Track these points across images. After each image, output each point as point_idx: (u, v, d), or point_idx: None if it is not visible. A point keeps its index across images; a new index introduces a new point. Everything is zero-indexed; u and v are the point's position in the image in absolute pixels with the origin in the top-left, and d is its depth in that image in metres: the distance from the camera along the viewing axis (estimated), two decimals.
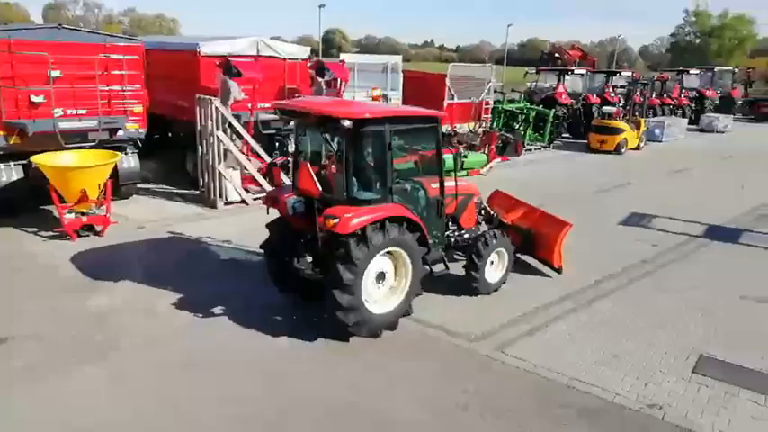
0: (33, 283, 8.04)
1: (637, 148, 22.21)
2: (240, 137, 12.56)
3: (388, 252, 6.66)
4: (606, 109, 22.75)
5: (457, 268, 7.97)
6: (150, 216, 11.33)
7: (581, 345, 6.72)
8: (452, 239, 8.02)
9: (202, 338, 6.62)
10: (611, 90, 25.84)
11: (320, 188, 6.50)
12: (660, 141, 24.58)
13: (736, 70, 40.94)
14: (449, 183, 7.56)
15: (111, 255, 9.24)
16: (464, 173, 16.07)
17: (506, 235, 8.28)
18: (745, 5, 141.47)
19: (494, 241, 7.98)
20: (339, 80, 14.97)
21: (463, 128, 19.38)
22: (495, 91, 22.37)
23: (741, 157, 21.49)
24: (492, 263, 8.05)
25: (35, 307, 7.25)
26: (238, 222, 11.20)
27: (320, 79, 13.97)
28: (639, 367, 6.25)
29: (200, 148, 12.31)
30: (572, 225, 8.71)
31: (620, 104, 23.72)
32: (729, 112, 33.15)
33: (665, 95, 29.68)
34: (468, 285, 7.95)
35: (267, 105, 13.71)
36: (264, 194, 8.55)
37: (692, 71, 35.22)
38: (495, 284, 8.11)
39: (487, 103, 19.91)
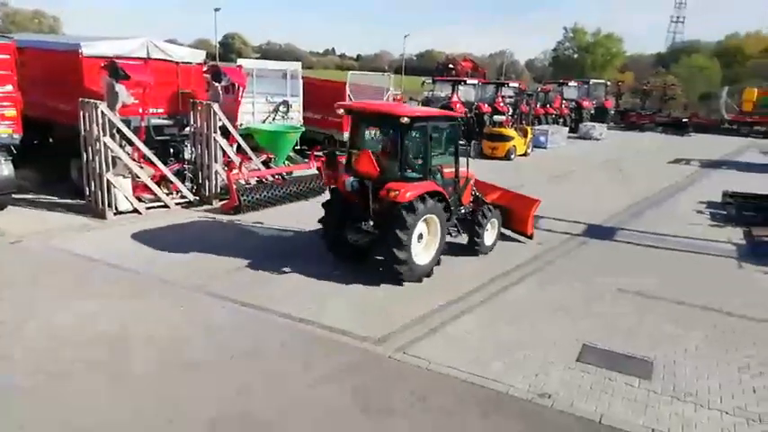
0: None
1: (525, 154, 23.58)
2: (130, 143, 11.79)
3: (425, 218, 8.61)
4: (497, 118, 24.02)
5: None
6: (29, 228, 10.30)
7: (477, 341, 6.95)
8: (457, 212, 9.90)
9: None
10: (500, 100, 27.28)
11: (378, 169, 8.49)
12: (545, 148, 26.26)
13: (608, 83, 44.87)
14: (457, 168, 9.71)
15: None
16: None
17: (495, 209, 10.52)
18: (615, 26, 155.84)
19: (489, 213, 10.30)
20: (237, 85, 14.51)
21: None
22: (393, 99, 22.75)
23: (616, 161, 23.50)
24: (487, 230, 10.29)
25: None
26: (131, 234, 10.48)
27: (216, 84, 13.46)
28: (531, 359, 6.58)
29: (84, 154, 11.39)
30: (540, 201, 11.20)
31: (509, 113, 25.07)
32: (604, 121, 36.22)
33: (548, 105, 31.85)
34: (371, 293, 8.16)
35: (160, 110, 13.04)
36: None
37: (570, 83, 38.14)
38: (490, 246, 10.43)
39: None
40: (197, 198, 12.78)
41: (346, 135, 18.74)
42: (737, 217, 13.90)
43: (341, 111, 9.60)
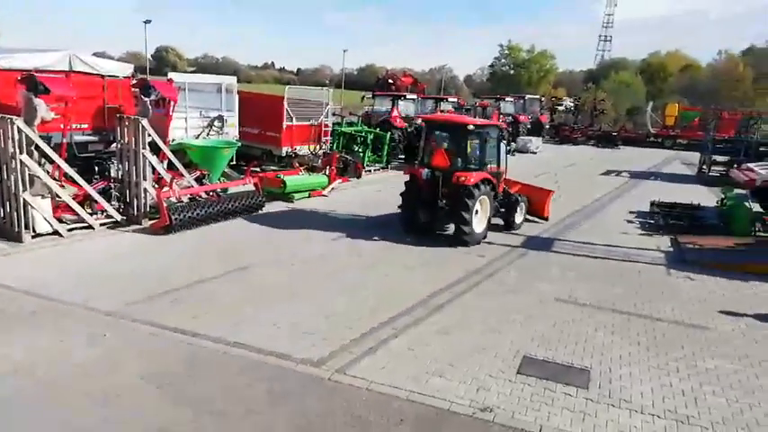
0: None
1: None
2: (50, 160, 11.14)
3: (480, 199, 12.04)
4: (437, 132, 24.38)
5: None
6: None
7: (420, 357, 6.91)
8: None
9: None
10: (440, 114, 27.74)
11: (448, 163, 12.08)
12: None
13: (543, 98, 46.76)
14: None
15: None
16: (306, 194, 16.07)
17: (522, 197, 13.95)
18: (547, 43, 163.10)
19: (520, 199, 13.77)
20: (168, 100, 14.05)
21: (304, 149, 19.35)
22: (333, 114, 22.74)
23: (552, 173, 24.34)
24: (518, 212, 13.72)
25: None
26: (50, 258, 9.84)
27: (145, 98, 12.98)
28: (472, 373, 6.60)
29: None
30: (554, 191, 15.12)
31: None
32: (539, 135, 37.60)
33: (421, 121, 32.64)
34: (312, 318, 7.93)
35: (84, 126, 12.43)
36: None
37: (507, 98, 39.50)
38: (519, 224, 13.78)
39: (327, 126, 20.14)
40: (124, 218, 12.19)
41: (285, 150, 18.75)
42: (665, 225, 14.66)
43: (419, 120, 13.64)
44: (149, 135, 12.23)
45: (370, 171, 21.28)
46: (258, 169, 17.64)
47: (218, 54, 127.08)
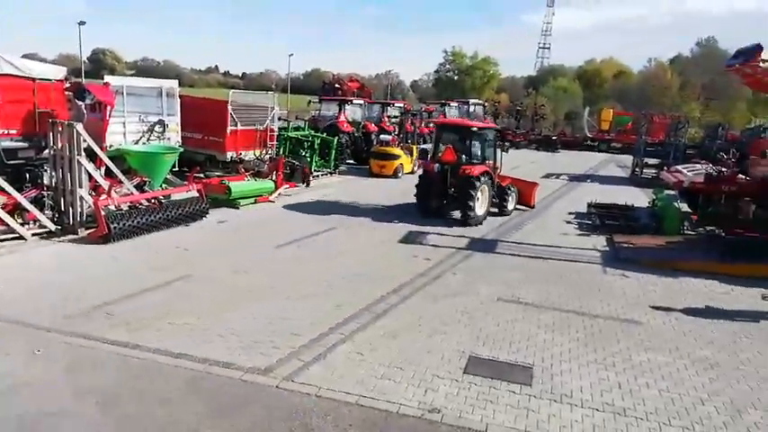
0: None
1: (412, 172, 24.20)
2: None
3: (482, 187, 14.74)
4: (384, 137, 24.60)
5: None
6: None
7: (369, 361, 6.93)
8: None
9: None
10: (387, 119, 27.99)
11: (456, 158, 14.86)
12: None
13: (486, 104, 47.85)
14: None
15: None
16: (252, 200, 15.83)
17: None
18: (489, 50, 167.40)
19: (511, 189, 16.57)
20: (104, 104, 13.52)
21: (249, 155, 19.05)
22: (279, 119, 22.52)
23: None
24: (510, 200, 16.45)
25: None
26: None
27: (80, 102, 12.45)
28: (420, 375, 6.67)
29: None
30: (539, 184, 18.40)
31: (396, 132, 25.80)
32: None
33: (432, 124, 33.21)
34: (255, 323, 7.80)
35: (13, 131, 11.81)
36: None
37: (452, 104, 40.14)
38: (511, 210, 16.48)
39: (273, 131, 19.91)
40: (59, 227, 11.63)
41: (230, 155, 18.38)
42: (601, 225, 15.31)
43: (431, 124, 17.02)
44: (85, 141, 11.73)
45: (317, 176, 21.18)
46: (202, 175, 17.24)
47: (158, 57, 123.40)
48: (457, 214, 15.13)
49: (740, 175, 13.66)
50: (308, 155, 21.17)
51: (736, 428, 5.96)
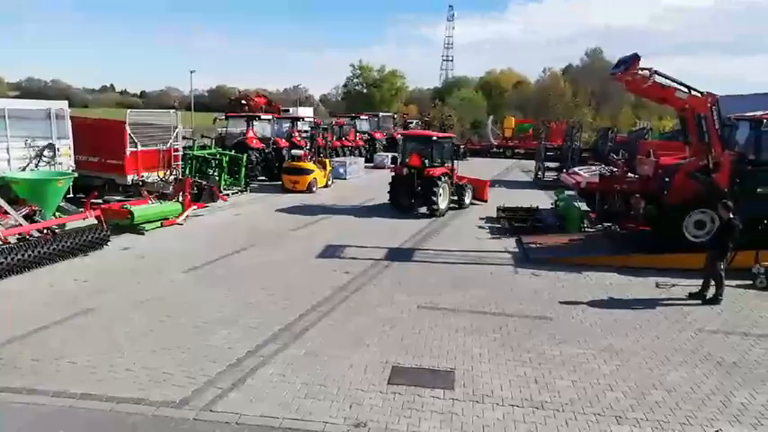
0: None
1: (326, 186, 24.25)
2: None
3: (443, 186, 18.06)
4: (295, 152, 24.32)
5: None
6: None
7: (291, 382, 6.77)
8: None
9: None
10: (297, 134, 27.76)
11: (420, 162, 18.17)
12: (345, 179, 27.35)
13: (396, 116, 48.81)
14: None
15: None
16: (159, 224, 15.06)
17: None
18: (396, 63, 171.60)
19: (467, 186, 19.93)
20: None
21: (152, 176, 18.15)
22: (184, 137, 21.69)
23: None
24: (467, 195, 19.81)
25: None
26: None
27: None
28: (344, 390, 6.61)
29: None
30: (489, 181, 22.53)
31: (307, 147, 25.61)
32: (395, 151, 39.06)
33: (343, 138, 33.32)
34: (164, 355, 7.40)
35: None
36: (392, 167, 21.49)
37: (362, 116, 40.58)
38: (468, 204, 19.76)
39: (177, 150, 19.13)
40: None
41: (131, 177, 17.43)
42: (510, 228, 16.03)
43: (399, 136, 21.44)
44: None
45: (228, 195, 20.57)
46: (100, 201, 16.20)
47: (46, 77, 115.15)
48: (424, 210, 18.22)
49: (630, 174, 14.79)
50: (216, 173, 20.53)
51: (642, 410, 6.41)
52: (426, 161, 18.35)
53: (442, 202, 18.21)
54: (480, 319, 9.03)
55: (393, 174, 19.18)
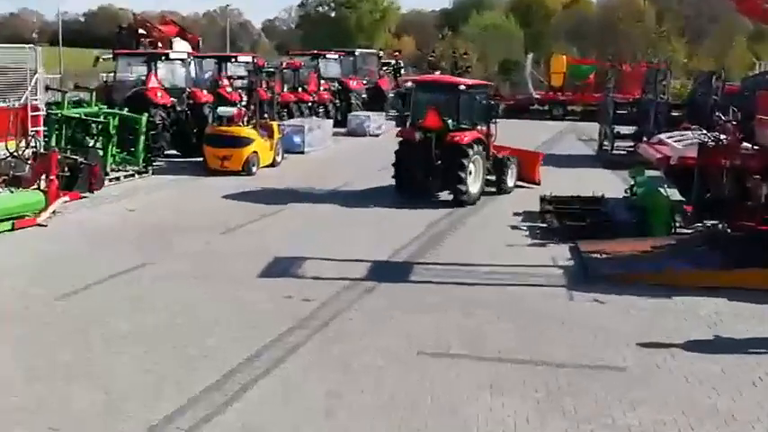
0: None
1: (273, 164, 24.19)
2: None
3: (473, 159, 18.70)
4: (223, 110, 24.20)
5: None
6: None
7: None
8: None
9: None
10: (227, 83, 27.69)
11: (441, 123, 18.65)
12: (302, 152, 27.36)
13: (382, 54, 48.82)
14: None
15: None
16: (9, 225, 14.98)
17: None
18: None
19: (510, 162, 20.78)
20: None
21: None
22: (48, 88, 21.56)
23: None
24: (509, 175, 20.67)
25: None
26: None
27: None
28: None
29: None
30: (543, 154, 23.62)
31: (242, 103, 25.54)
32: (381, 109, 39.09)
33: (300, 89, 33.21)
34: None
35: None
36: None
37: (329, 55, 40.40)
38: (512, 187, 20.70)
39: (37, 109, 19.02)
40: None
41: None
42: (560, 229, 16.13)
43: (408, 84, 21.58)
44: None
45: (118, 178, 20.50)
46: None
47: None
48: (445, 195, 19.13)
49: (745, 144, 14.80)
50: (99, 145, 20.42)
51: None
52: (450, 122, 18.77)
53: (474, 184, 18.72)
54: (514, 370, 9.06)
55: (400, 140, 19.58)
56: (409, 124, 20.06)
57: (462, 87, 19.74)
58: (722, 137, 15.22)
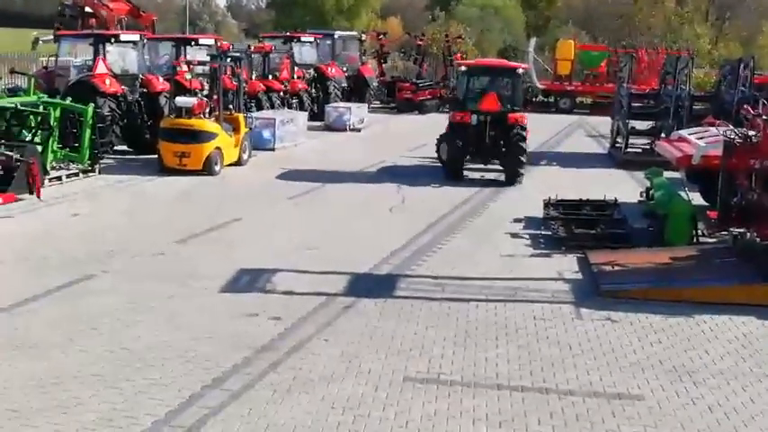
0: None
1: (239, 162, 24.14)
2: None
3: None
4: (182, 101, 24.07)
5: None
6: None
7: None
8: None
9: None
10: (186, 69, 27.57)
11: (500, 106, 23.63)
12: (272, 149, 27.33)
13: (365, 37, 48.77)
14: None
15: None
16: None
17: None
18: None
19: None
20: None
21: None
22: None
23: (389, 166, 25.45)
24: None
25: None
26: None
27: None
28: None
29: None
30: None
31: (204, 93, 25.43)
32: (363, 100, 39.09)
33: (270, 76, 33.13)
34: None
35: None
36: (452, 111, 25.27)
37: (304, 38, 40.38)
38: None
39: None
40: None
41: None
42: (567, 237, 16.13)
43: (460, 68, 25.84)
44: None
45: (59, 178, 20.36)
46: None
47: None
48: (490, 175, 23.12)
49: None
50: (38, 140, 20.27)
51: None
52: (508, 104, 23.08)
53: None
54: (514, 399, 9.02)
55: (453, 124, 23.18)
56: (461, 108, 23.67)
57: (520, 71, 24.08)
58: (751, 133, 15.33)
